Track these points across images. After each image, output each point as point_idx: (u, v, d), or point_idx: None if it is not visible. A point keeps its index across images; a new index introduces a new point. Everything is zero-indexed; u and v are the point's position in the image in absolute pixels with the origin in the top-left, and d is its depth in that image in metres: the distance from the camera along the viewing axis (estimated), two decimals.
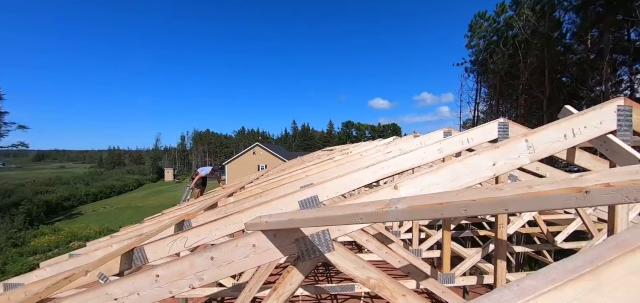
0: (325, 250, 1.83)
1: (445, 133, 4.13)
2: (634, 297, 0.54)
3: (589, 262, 0.52)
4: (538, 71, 20.68)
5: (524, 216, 5.88)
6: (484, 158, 1.77)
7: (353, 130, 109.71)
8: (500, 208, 0.79)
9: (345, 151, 8.37)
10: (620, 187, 0.65)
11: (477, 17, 28.74)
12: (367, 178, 2.76)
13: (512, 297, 0.50)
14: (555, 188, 0.71)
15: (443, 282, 4.65)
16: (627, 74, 17.82)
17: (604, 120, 1.99)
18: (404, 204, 1.00)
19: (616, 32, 17.27)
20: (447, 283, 4.71)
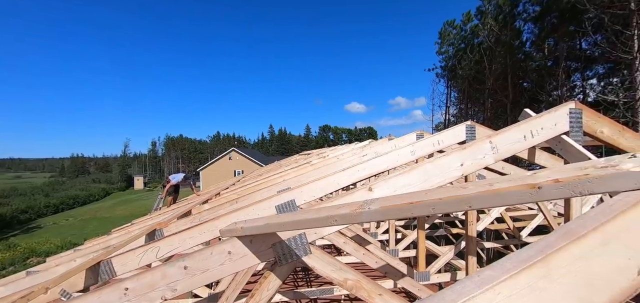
0: (302, 253, 1.83)
1: (418, 136, 4.28)
2: (580, 280, 0.60)
3: (540, 251, 0.57)
4: (502, 77, 22.04)
5: (492, 213, 6.20)
6: (453, 159, 1.86)
7: (330, 134, 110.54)
8: (465, 205, 0.84)
9: (323, 155, 8.42)
10: (567, 183, 0.71)
11: (446, 25, 30.15)
12: (343, 181, 2.80)
13: (473, 286, 0.53)
14: (512, 185, 0.77)
15: (419, 280, 4.80)
16: (579, 80, 19.43)
17: (558, 122, 2.16)
18: (377, 205, 1.03)
19: (569, 41, 18.81)
20: (422, 281, 4.86)
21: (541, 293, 0.55)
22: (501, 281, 0.54)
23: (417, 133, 4.38)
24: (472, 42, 26.16)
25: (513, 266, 0.55)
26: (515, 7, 22.41)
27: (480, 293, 0.53)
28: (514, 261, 0.57)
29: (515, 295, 0.54)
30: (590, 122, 2.25)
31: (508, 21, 22.22)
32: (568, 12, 17.36)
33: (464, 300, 0.52)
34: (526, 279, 0.55)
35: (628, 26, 13.67)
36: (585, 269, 0.60)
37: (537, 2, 20.34)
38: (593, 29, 16.14)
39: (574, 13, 16.79)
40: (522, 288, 0.54)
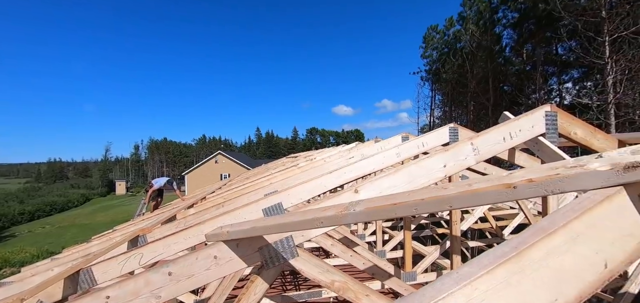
0: (289, 256, 1.83)
1: (403, 138, 4.36)
2: (551, 274, 0.63)
3: (514, 248, 0.60)
4: (483, 80, 22.73)
5: (476, 213, 6.36)
6: (436, 160, 1.91)
7: (318, 137, 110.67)
8: (446, 205, 0.87)
9: (310, 157, 8.43)
10: (540, 182, 0.75)
11: (430, 30, 30.86)
12: (330, 184, 2.82)
13: (452, 283, 0.56)
14: (489, 185, 0.81)
15: (406, 280, 4.87)
16: (556, 84, 20.27)
17: (535, 124, 2.25)
18: (362, 206, 1.05)
19: (546, 47, 19.60)
20: (409, 281, 4.93)
21: (516, 288, 0.58)
22: (478, 277, 0.56)
23: (402, 135, 4.46)
24: (455, 46, 26.89)
25: (489, 262, 0.58)
26: (495, 13, 23.20)
27: (458, 289, 0.55)
28: (490, 257, 0.60)
29: (491, 290, 0.56)
30: (564, 124, 2.36)
31: (488, 27, 22.98)
32: (544, 19, 18.11)
33: (443, 296, 0.54)
34: (502, 274, 0.57)
35: (600, 33, 14.39)
36: (556, 264, 0.63)
37: (515, 9, 21.15)
38: (568, 35, 16.90)
39: (550, 20, 17.53)
40: (498, 283, 0.57)
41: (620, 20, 13.88)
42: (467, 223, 6.01)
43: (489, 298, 0.56)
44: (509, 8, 22.06)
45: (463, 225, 5.75)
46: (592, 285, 0.68)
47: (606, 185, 0.71)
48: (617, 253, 0.71)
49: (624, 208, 0.72)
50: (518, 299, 0.58)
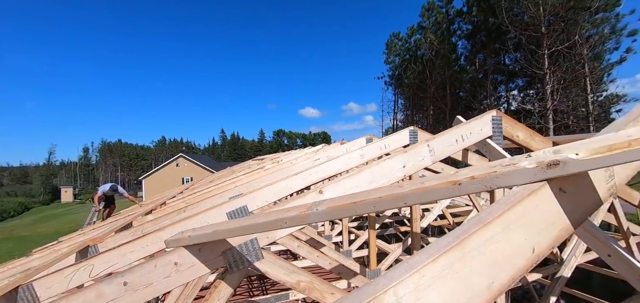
0: (254, 259, 1.82)
1: (367, 140, 4.51)
2: (488, 259, 0.71)
3: (456, 238, 0.67)
4: (441, 86, 24.23)
5: (434, 211, 6.75)
6: (396, 161, 2.01)
7: (285, 139, 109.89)
8: (401, 202, 0.93)
9: (276, 160, 8.37)
10: (480, 179, 0.84)
11: (393, 37, 32.20)
12: (296, 185, 2.84)
13: (402, 271, 0.61)
14: (438, 182, 0.88)
15: (371, 277, 5.02)
16: (504, 91, 22.20)
17: (483, 128, 2.46)
18: (324, 206, 1.09)
19: (495, 57, 21.42)
20: (374, 278, 5.09)
21: (458, 273, 0.65)
22: (425, 265, 0.62)
23: (366, 137, 4.61)
24: (416, 53, 28.35)
25: (435, 251, 0.64)
26: (451, 24, 24.88)
27: (408, 277, 0.60)
28: (436, 247, 0.66)
29: (437, 275, 0.62)
30: (508, 128, 2.61)
31: (445, 37, 24.59)
32: (494, 32, 19.80)
33: (394, 283, 0.59)
34: (445, 261, 0.64)
35: (540, 46, 16.06)
36: (492, 250, 0.71)
37: (469, 22, 22.86)
38: (514, 47, 18.65)
39: (499, 33, 19.21)
40: (442, 269, 0.63)
41: (557, 35, 15.61)
42: (427, 220, 6.35)
43: (435, 283, 0.62)
44: (463, 20, 23.78)
45: (423, 222, 6.07)
46: (522, 268, 0.78)
47: (533, 180, 0.82)
48: (543, 240, 0.82)
49: (548, 200, 0.83)
50: (460, 283, 0.65)
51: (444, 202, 6.50)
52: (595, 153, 0.77)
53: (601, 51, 16.73)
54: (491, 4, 19.22)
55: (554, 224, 0.84)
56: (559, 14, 15.48)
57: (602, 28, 16.38)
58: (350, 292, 3.25)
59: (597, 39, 16.17)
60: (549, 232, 0.83)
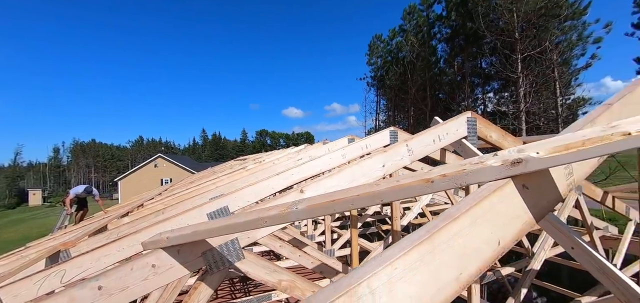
0: (235, 259, 1.81)
1: (349, 140, 4.57)
2: (457, 252, 0.75)
3: (427, 232, 0.71)
4: (422, 88, 24.85)
5: (414, 209, 6.91)
6: (376, 161, 2.06)
7: (268, 139, 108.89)
8: (378, 199, 0.97)
9: (259, 160, 8.30)
10: (451, 176, 0.89)
11: (375, 39, 32.67)
12: (278, 185, 2.84)
13: (376, 264, 0.64)
14: (413, 180, 0.92)
15: None
16: (481, 93, 23.05)
17: (459, 128, 2.56)
18: (304, 204, 1.10)
19: (473, 60, 22.20)
20: None
21: (428, 265, 0.69)
22: (398, 257, 0.65)
23: (348, 137, 4.67)
24: (397, 55, 28.90)
25: (407, 245, 0.68)
26: (431, 28, 25.57)
27: (381, 269, 0.63)
28: (408, 241, 0.69)
29: (408, 267, 0.66)
30: (482, 128, 2.73)
31: (426, 40, 25.24)
32: (472, 36, 20.52)
33: (368, 276, 0.61)
34: (417, 254, 0.67)
35: (514, 51, 16.81)
36: (461, 243, 0.76)
37: (448, 26, 23.58)
38: (490, 51, 19.43)
39: (476, 37, 19.94)
40: (414, 261, 0.67)
41: (529, 41, 16.40)
42: (407, 218, 6.49)
43: (407, 275, 0.65)
44: (443, 24, 24.49)
45: (404, 220, 6.20)
46: (489, 259, 0.83)
47: (499, 178, 0.87)
48: (508, 233, 0.88)
49: (512, 195, 0.89)
50: (430, 274, 0.69)
51: (424, 200, 6.66)
52: (553, 152, 0.83)
53: (569, 57, 17.70)
54: (469, 10, 19.91)
55: (518, 218, 0.90)
56: (531, 21, 16.27)
57: (570, 35, 17.35)
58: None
59: (566, 45, 17.10)
60: (513, 226, 0.88)
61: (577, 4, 16.82)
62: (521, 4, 16.13)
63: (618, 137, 0.80)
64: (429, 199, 6.54)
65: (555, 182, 1.02)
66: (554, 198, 1.03)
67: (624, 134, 0.80)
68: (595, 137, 0.82)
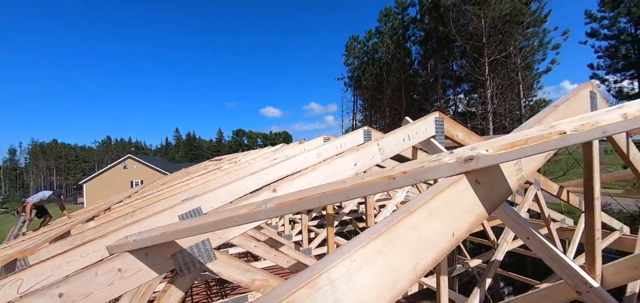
0: (206, 260, 1.79)
1: (325, 139, 4.62)
2: (414, 243, 0.81)
3: (385, 225, 0.75)
4: (397, 89, 25.51)
5: (389, 206, 7.10)
6: (348, 159, 2.11)
7: (244, 139, 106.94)
8: (343, 196, 1.00)
9: (235, 160, 8.16)
10: (411, 173, 0.94)
11: (352, 40, 33.09)
12: (252, 185, 2.82)
13: (336, 256, 0.67)
14: (376, 177, 0.97)
15: None
16: (452, 94, 24.03)
17: (427, 128, 2.68)
18: (273, 203, 1.12)
19: (445, 63, 23.09)
20: None
21: (386, 256, 0.73)
22: (356, 250, 0.69)
23: (324, 137, 4.72)
24: (374, 56, 29.46)
25: (366, 238, 0.72)
26: (406, 31, 26.29)
27: (341, 261, 0.67)
28: (367, 234, 0.74)
29: (366, 259, 0.70)
30: (449, 128, 2.86)
31: (401, 42, 25.93)
32: (443, 39, 21.35)
33: (329, 267, 0.65)
34: (374, 247, 0.71)
35: (482, 55, 17.67)
36: (417, 235, 0.81)
37: (422, 29, 24.37)
38: (460, 55, 20.29)
39: (447, 41, 20.76)
40: (372, 253, 0.71)
41: (495, 46, 17.32)
42: (381, 215, 6.66)
43: (365, 266, 0.69)
44: (417, 27, 25.27)
45: (379, 217, 6.36)
46: (444, 250, 0.90)
47: (453, 173, 0.94)
48: (461, 225, 0.95)
49: (466, 190, 0.96)
50: (387, 265, 0.73)
51: (399, 198, 6.85)
52: (500, 150, 0.91)
53: (531, 61, 18.88)
54: (441, 14, 20.69)
55: (471, 211, 0.97)
56: (497, 27, 17.20)
57: (532, 41, 18.52)
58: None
59: (528, 50, 18.23)
60: (466, 218, 0.95)
61: (538, 12, 17.98)
62: (488, 11, 17.01)
63: (555, 135, 0.89)
64: (404, 196, 6.73)
65: (505, 177, 1.11)
66: (504, 192, 1.12)
67: (560, 133, 0.89)
68: (536, 136, 0.91)
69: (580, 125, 0.88)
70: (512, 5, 16.96)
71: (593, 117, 0.89)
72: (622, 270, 1.95)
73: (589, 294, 1.87)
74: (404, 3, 26.86)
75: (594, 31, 21.01)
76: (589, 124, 0.88)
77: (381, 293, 0.73)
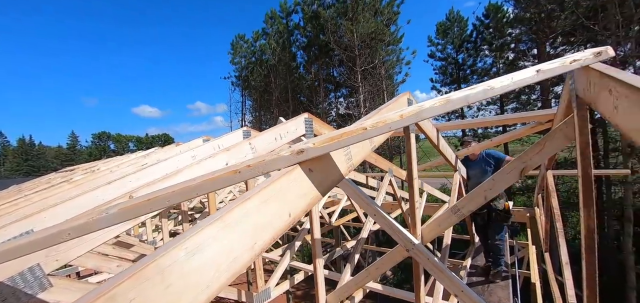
0: (37, 290, 1.49)
1: (204, 140, 4.40)
2: (249, 227, 0.93)
3: (221, 212, 0.85)
4: (285, 91, 26.41)
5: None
6: (218, 160, 2.13)
7: (111, 143, 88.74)
8: (193, 193, 1.05)
9: (92, 168, 6.75)
10: (254, 166, 1.08)
11: (238, 38, 32.21)
12: (110, 195, 2.45)
13: (170, 244, 0.72)
14: (223, 172, 1.06)
15: None
16: (333, 98, 26.64)
17: (298, 127, 2.95)
18: (117, 208, 1.06)
19: (326, 69, 25.35)
20: None
21: (221, 240, 0.83)
22: (191, 236, 0.76)
23: (203, 138, 4.49)
24: (261, 57, 29.54)
25: (201, 224, 0.80)
26: (291, 35, 27.47)
27: (173, 249, 0.72)
28: (203, 222, 0.82)
29: (201, 243, 0.78)
30: (317, 127, 3.23)
31: (286, 46, 26.96)
32: (324, 47, 23.44)
33: (157, 257, 0.69)
34: (209, 232, 0.80)
35: (355, 65, 20.31)
36: (253, 219, 0.94)
37: (305, 35, 26.00)
38: (338, 63, 22.71)
39: (327, 49, 22.91)
40: (206, 238, 0.79)
41: (365, 58, 20.23)
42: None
43: (200, 249, 0.77)
44: (300, 33, 26.75)
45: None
46: (282, 228, 1.06)
47: (289, 164, 1.12)
48: (298, 207, 1.14)
49: (300, 178, 1.16)
50: (224, 247, 0.83)
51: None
52: (324, 142, 1.15)
53: (392, 73, 22.99)
54: (321, 24, 22.59)
55: (306, 195, 1.18)
56: (366, 42, 20.16)
57: (392, 56, 22.59)
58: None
59: (389, 64, 22.11)
60: (302, 201, 1.16)
61: (395, 33, 22.06)
62: (358, 27, 19.74)
63: (360, 130, 1.19)
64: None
65: (337, 165, 1.39)
66: (337, 177, 1.39)
67: (363, 128, 1.19)
68: (349, 131, 1.19)
69: (376, 122, 1.21)
70: (376, 25, 20.20)
71: (384, 117, 1.24)
72: (433, 228, 2.65)
73: (413, 250, 2.48)
74: (287, 9, 27.98)
75: (432, 53, 27.25)
76: (381, 122, 1.21)
77: (219, 273, 0.82)
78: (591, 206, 1.79)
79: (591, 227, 1.80)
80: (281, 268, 4.61)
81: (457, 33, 25.91)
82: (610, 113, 1.23)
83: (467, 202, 2.37)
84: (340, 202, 7.73)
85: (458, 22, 26.05)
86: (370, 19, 20.01)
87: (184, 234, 0.76)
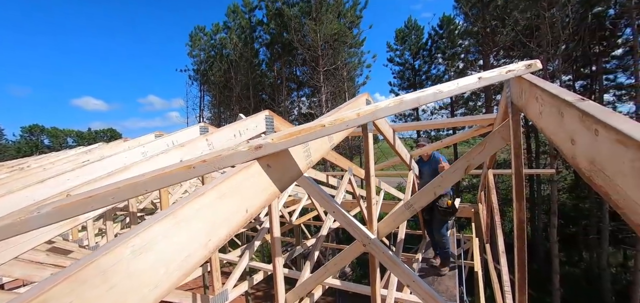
0: None
1: (156, 136, 4.12)
2: (204, 223, 0.91)
3: (172, 209, 0.82)
4: (246, 87, 25.72)
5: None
6: (172, 156, 2.02)
7: (45, 138, 78.78)
8: (142, 189, 0.99)
9: (21, 166, 5.96)
10: (210, 162, 1.05)
11: (197, 30, 30.63)
12: (41, 196, 2.19)
13: (114, 243, 0.68)
14: (177, 167, 1.01)
15: None
16: (296, 97, 26.57)
17: (258, 124, 2.90)
18: (52, 206, 0.96)
19: (289, 68, 25.20)
20: None
21: (172, 238, 0.80)
22: (139, 233, 0.72)
23: (156, 133, 4.21)
24: (221, 52, 28.41)
25: (150, 221, 0.76)
26: (253, 31, 26.83)
27: (116, 247, 0.68)
28: (152, 218, 0.78)
29: (150, 240, 0.74)
30: (278, 125, 3.20)
31: (249, 41, 26.27)
32: (287, 46, 23.26)
33: (99, 257, 0.64)
34: (159, 228, 0.77)
35: (318, 65, 20.46)
36: (208, 214, 0.92)
37: (268, 32, 25.56)
38: (301, 62, 22.71)
39: (291, 48, 22.78)
40: (156, 234, 0.76)
41: (328, 58, 20.48)
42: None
43: (148, 247, 0.73)
44: (263, 30, 26.26)
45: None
46: (238, 224, 1.05)
47: (247, 160, 1.11)
48: (255, 203, 1.13)
49: (258, 173, 1.15)
50: (175, 244, 0.80)
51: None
52: (283, 138, 1.15)
53: (354, 75, 23.57)
54: (285, 22, 22.39)
55: (264, 190, 1.18)
56: (329, 43, 20.41)
57: (354, 59, 23.15)
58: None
59: (351, 66, 22.63)
60: (260, 197, 1.15)
61: (357, 37, 22.65)
62: (322, 28, 19.91)
63: (319, 127, 1.21)
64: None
65: (296, 161, 1.40)
66: (295, 173, 1.40)
67: (321, 125, 1.22)
68: (307, 127, 1.20)
69: (334, 120, 1.24)
70: (339, 27, 20.55)
71: (342, 115, 1.28)
72: (388, 223, 2.78)
73: (370, 245, 2.57)
74: (251, 4, 27.27)
75: (391, 58, 28.45)
76: (339, 119, 1.25)
77: (170, 272, 0.79)
78: (522, 200, 2.02)
79: (522, 219, 2.03)
80: (240, 269, 4.49)
81: (414, 40, 27.40)
82: (536, 118, 1.40)
83: (418, 198, 2.53)
84: (301, 201, 7.75)
85: (415, 30, 27.55)
86: (333, 21, 20.32)
87: (130, 231, 0.72)
